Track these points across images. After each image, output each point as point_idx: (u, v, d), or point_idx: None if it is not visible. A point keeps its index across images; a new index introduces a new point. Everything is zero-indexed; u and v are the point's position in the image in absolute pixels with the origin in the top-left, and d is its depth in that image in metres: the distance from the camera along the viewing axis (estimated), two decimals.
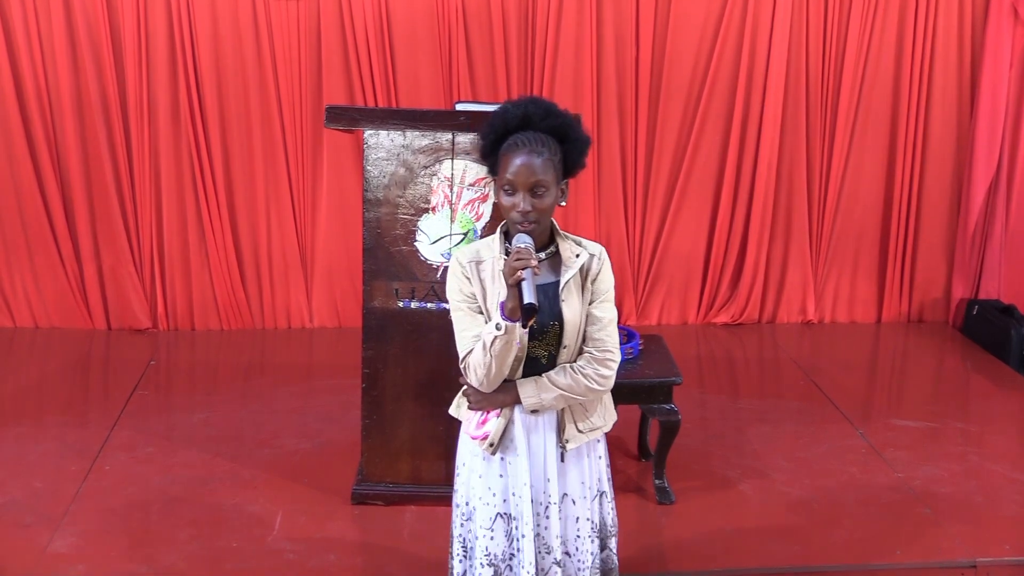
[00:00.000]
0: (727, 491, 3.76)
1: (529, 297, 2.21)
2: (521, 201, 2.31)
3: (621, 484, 3.79)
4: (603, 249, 2.48)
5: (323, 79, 5.12)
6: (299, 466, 3.88)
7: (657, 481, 3.68)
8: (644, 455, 3.99)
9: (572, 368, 2.41)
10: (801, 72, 5.32)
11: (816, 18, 5.25)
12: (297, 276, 5.39)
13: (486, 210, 3.41)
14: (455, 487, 2.57)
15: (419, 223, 3.40)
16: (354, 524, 3.51)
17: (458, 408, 2.55)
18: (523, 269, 2.22)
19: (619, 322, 5.87)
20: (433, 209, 3.39)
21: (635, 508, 3.64)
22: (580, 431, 2.47)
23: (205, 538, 3.38)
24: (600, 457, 2.58)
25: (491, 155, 2.40)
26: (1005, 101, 5.31)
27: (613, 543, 2.64)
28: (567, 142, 2.38)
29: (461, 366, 2.41)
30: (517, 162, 2.30)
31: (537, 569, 2.45)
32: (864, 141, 5.46)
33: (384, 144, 3.37)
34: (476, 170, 3.36)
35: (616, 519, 2.66)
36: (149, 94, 5.07)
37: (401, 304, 3.43)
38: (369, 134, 3.37)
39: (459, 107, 3.51)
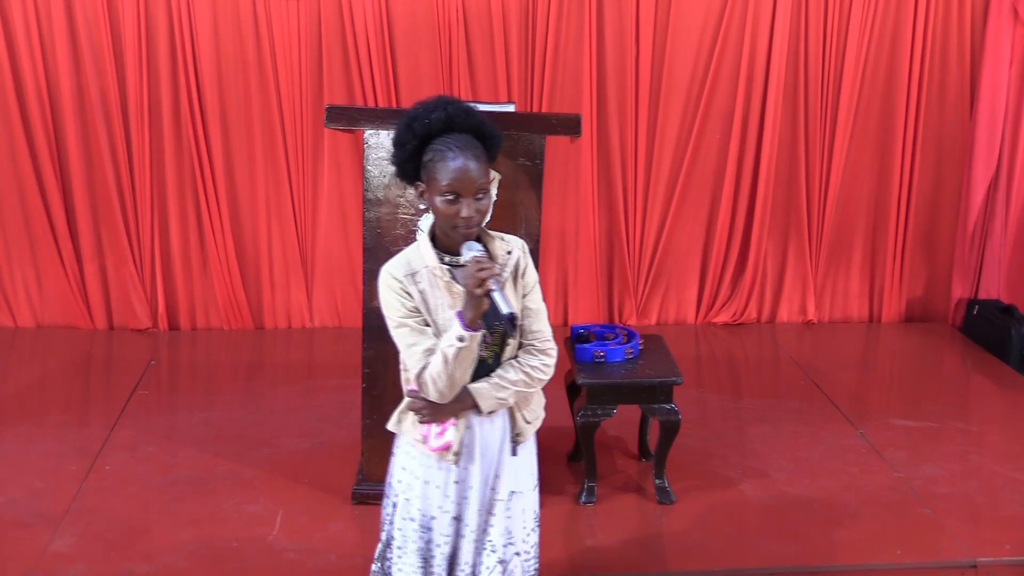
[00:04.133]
0: (727, 491, 3.76)
1: (508, 307, 2.20)
2: (465, 207, 2.26)
3: (621, 484, 3.80)
4: (523, 243, 2.47)
5: (323, 79, 5.12)
6: (299, 466, 3.88)
7: (657, 481, 3.69)
8: (644, 455, 4.00)
9: (519, 363, 2.41)
10: (801, 72, 5.32)
11: (816, 18, 5.25)
12: (297, 276, 5.39)
13: None
14: (399, 499, 2.49)
15: (419, 223, 3.40)
16: (354, 524, 3.51)
17: (399, 424, 2.49)
18: (488, 278, 2.18)
19: (619, 322, 5.87)
20: None
21: (635, 508, 3.64)
22: (528, 422, 2.49)
23: (205, 538, 3.38)
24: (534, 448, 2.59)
25: (410, 161, 2.31)
26: (1005, 101, 5.31)
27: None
28: (484, 139, 2.33)
29: (415, 382, 2.35)
30: (458, 168, 2.23)
31: (478, 568, 2.46)
32: (864, 141, 5.46)
33: (384, 144, 3.36)
34: None
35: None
36: (149, 94, 5.07)
37: None
38: (369, 134, 3.37)
39: None
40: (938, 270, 5.68)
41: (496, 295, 2.20)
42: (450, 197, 2.25)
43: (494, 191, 3.39)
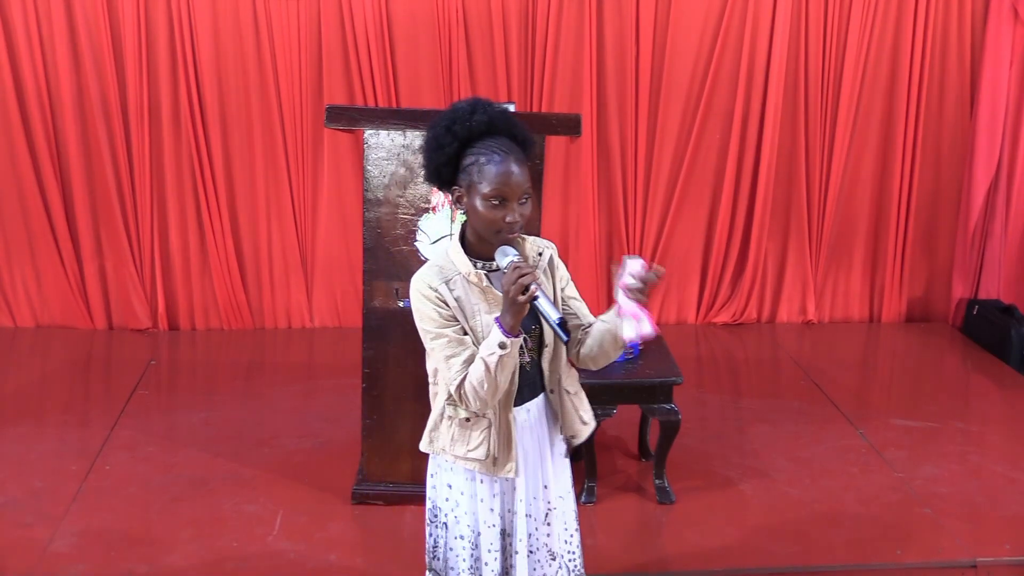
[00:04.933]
0: (727, 491, 3.76)
1: (556, 312, 2.15)
2: (511, 212, 2.20)
3: (621, 484, 3.80)
4: (553, 244, 2.44)
5: (323, 79, 5.12)
6: (299, 466, 3.88)
7: (657, 481, 3.68)
8: (644, 455, 4.00)
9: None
10: (801, 72, 5.32)
11: (816, 18, 5.25)
12: (297, 276, 5.39)
13: None
14: (448, 518, 2.43)
15: (419, 223, 3.40)
16: (354, 524, 3.51)
17: (431, 443, 2.40)
18: (530, 284, 2.11)
19: None
20: (433, 209, 3.40)
21: (635, 508, 3.64)
22: (584, 423, 2.45)
23: (205, 538, 3.38)
24: None
25: (448, 165, 2.22)
26: (1005, 101, 5.31)
27: None
28: (518, 143, 2.26)
29: (455, 395, 2.26)
30: (505, 172, 2.17)
31: None
32: (864, 141, 5.46)
33: (384, 144, 3.37)
34: None
35: None
36: (149, 94, 5.07)
37: (401, 304, 3.43)
38: (369, 134, 3.37)
39: None
40: (938, 270, 5.68)
41: (542, 301, 2.14)
42: (495, 202, 2.18)
43: None
